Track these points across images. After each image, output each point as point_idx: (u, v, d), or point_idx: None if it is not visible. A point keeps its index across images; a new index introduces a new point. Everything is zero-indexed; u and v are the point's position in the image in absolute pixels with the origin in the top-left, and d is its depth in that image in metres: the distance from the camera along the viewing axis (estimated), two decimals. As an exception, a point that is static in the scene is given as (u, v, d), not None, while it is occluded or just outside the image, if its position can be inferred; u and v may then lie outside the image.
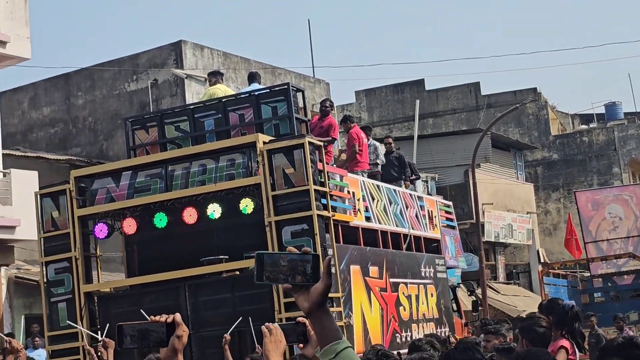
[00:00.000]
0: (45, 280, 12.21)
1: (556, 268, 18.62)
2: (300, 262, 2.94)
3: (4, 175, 19.42)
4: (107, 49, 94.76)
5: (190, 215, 11.47)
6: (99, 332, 11.26)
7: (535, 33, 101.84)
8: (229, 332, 10.40)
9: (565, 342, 6.42)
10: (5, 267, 19.75)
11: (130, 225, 11.89)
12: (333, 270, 11.18)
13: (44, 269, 12.21)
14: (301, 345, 3.94)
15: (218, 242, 11.99)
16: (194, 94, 23.30)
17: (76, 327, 11.70)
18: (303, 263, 2.94)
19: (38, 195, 12.42)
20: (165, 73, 23.89)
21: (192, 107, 13.15)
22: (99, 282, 12.65)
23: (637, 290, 16.57)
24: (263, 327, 3.83)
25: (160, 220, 11.70)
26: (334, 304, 11.12)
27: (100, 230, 11.98)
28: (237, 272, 11.53)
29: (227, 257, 11.59)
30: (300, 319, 3.95)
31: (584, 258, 20.76)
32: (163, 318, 3.43)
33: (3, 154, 20.45)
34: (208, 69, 23.61)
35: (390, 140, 18.80)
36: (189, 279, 11.60)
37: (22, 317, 20.03)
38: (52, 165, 22.61)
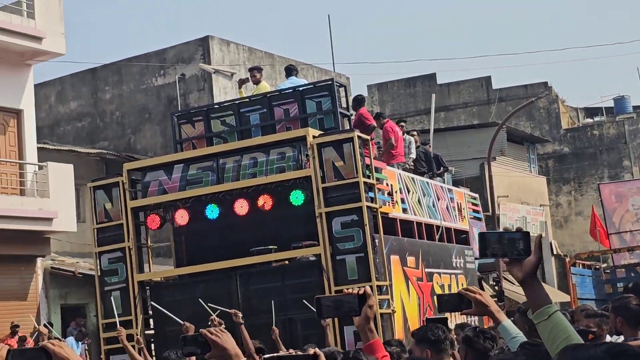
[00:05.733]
0: (98, 270, 12.60)
1: (584, 258, 19.00)
2: (517, 239, 3.37)
3: (40, 168, 19.83)
4: (134, 44, 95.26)
5: (241, 207, 11.85)
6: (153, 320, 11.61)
7: (543, 28, 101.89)
8: (274, 323, 10.73)
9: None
10: (41, 259, 20.17)
11: (182, 217, 12.27)
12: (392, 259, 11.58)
13: (98, 259, 12.61)
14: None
15: (268, 233, 12.29)
16: (221, 88, 23.66)
17: (128, 316, 12.11)
18: (518, 240, 3.36)
19: (91, 188, 12.80)
20: (192, 68, 24.22)
21: (237, 102, 13.54)
22: (150, 271, 13.05)
23: (660, 279, 16.96)
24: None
25: (212, 211, 12.10)
26: (382, 292, 11.51)
27: (153, 221, 12.38)
28: (287, 262, 11.93)
29: (275, 247, 11.97)
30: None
31: (607, 249, 21.12)
32: (355, 290, 3.87)
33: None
34: (234, 64, 24.03)
35: (415, 134, 19.13)
36: (239, 268, 11.94)
37: (58, 307, 20.47)
38: (82, 158, 23.01)
